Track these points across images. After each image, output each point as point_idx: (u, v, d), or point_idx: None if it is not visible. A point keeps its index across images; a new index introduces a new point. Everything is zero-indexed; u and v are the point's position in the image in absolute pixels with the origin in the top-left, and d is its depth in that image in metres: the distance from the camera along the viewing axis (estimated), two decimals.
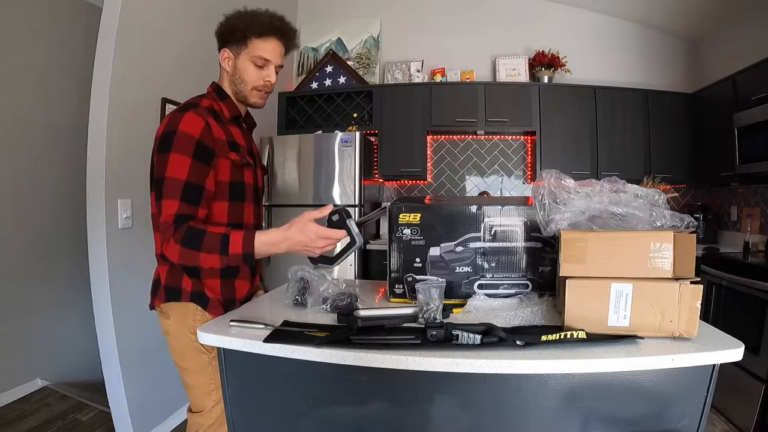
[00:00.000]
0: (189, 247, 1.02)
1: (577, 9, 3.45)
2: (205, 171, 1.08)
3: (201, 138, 1.07)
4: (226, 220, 1.17)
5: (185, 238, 1.02)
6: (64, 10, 2.72)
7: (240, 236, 1.03)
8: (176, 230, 1.03)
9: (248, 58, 1.17)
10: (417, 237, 1.18)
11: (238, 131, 1.24)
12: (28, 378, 2.63)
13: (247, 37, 1.16)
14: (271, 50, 1.18)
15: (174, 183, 1.04)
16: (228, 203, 1.17)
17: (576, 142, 3.14)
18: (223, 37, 1.20)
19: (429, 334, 0.91)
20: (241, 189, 1.20)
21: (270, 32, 1.17)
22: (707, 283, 2.40)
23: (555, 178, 1.03)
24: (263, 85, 1.21)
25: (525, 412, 0.91)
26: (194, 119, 1.08)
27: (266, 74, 1.20)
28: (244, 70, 1.18)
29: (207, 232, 1.03)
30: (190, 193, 1.05)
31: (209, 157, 1.09)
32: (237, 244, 1.02)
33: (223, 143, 1.14)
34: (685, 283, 0.89)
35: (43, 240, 2.71)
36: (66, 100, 2.75)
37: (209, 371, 1.16)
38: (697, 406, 0.89)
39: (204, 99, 1.19)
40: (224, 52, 1.20)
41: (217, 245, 1.02)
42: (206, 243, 1.02)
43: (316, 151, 2.92)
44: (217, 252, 1.02)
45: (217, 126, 1.14)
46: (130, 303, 1.95)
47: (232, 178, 1.16)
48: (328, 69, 3.55)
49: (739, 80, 2.60)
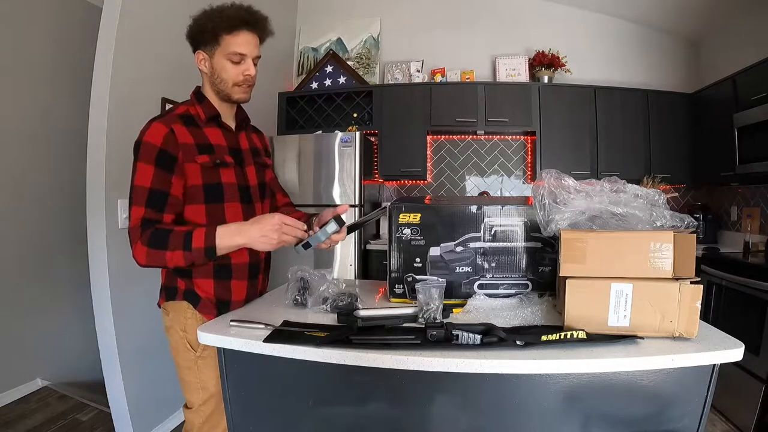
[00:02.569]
0: (155, 248, 1.05)
1: (577, 9, 3.45)
2: (167, 178, 1.10)
3: (163, 146, 1.09)
4: (206, 221, 1.17)
5: (151, 239, 1.05)
6: (64, 10, 2.72)
7: (203, 231, 1.06)
8: (142, 233, 1.06)
9: (223, 56, 1.16)
10: (417, 237, 1.18)
11: (218, 132, 1.22)
12: (28, 378, 2.63)
13: (217, 35, 1.14)
14: (245, 43, 1.16)
15: (140, 191, 1.08)
16: (204, 205, 1.16)
17: (576, 142, 3.14)
18: (194, 39, 1.18)
19: (429, 334, 0.91)
20: (218, 190, 1.18)
21: (239, 26, 1.14)
22: (707, 283, 2.40)
23: (555, 178, 1.03)
24: (243, 80, 1.19)
25: (525, 412, 0.91)
26: (158, 128, 1.10)
27: (244, 68, 1.18)
28: (221, 69, 1.17)
29: (173, 231, 1.06)
30: (154, 199, 1.08)
31: (172, 163, 1.10)
32: (199, 238, 1.06)
33: (191, 147, 1.13)
34: (685, 283, 0.89)
35: (43, 240, 2.71)
36: (66, 100, 2.75)
37: (195, 370, 1.18)
38: (697, 406, 0.89)
39: (181, 106, 1.20)
40: (198, 55, 1.19)
41: (181, 242, 1.05)
42: (171, 241, 1.05)
43: (316, 151, 2.92)
44: (180, 248, 1.05)
45: (186, 131, 1.14)
46: (130, 303, 1.95)
47: (204, 181, 1.15)
48: (328, 69, 3.55)
49: (739, 80, 2.60)
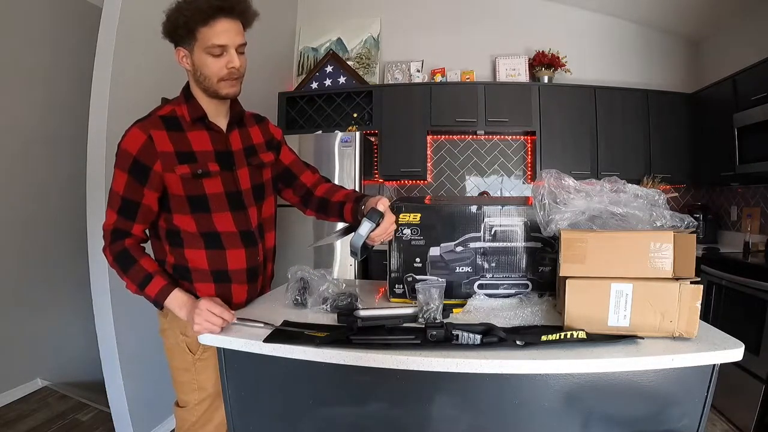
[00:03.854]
0: (118, 265, 1.09)
1: (577, 9, 3.45)
2: (139, 189, 1.07)
3: (138, 155, 1.06)
4: (197, 230, 1.12)
5: (117, 256, 1.09)
6: (64, 10, 2.72)
7: (160, 284, 1.07)
8: (111, 242, 1.09)
9: (202, 50, 1.05)
10: (417, 237, 1.18)
11: (204, 134, 1.13)
12: (28, 378, 2.63)
13: (191, 29, 1.03)
14: (224, 32, 1.04)
15: (114, 196, 1.08)
16: (191, 215, 1.11)
17: (576, 142, 3.14)
18: (171, 37, 1.08)
19: (429, 334, 0.91)
20: (203, 201, 1.11)
21: (214, 14, 1.02)
22: (707, 283, 2.40)
23: (555, 178, 1.03)
24: (228, 73, 1.08)
25: (525, 412, 0.91)
26: (135, 135, 1.06)
27: (227, 60, 1.06)
28: (203, 65, 1.07)
29: (137, 263, 1.08)
30: (124, 207, 1.08)
31: (145, 174, 1.06)
32: (155, 288, 1.07)
33: (170, 156, 1.07)
34: (685, 283, 0.89)
35: (43, 240, 2.71)
36: (66, 100, 2.75)
37: (192, 372, 1.18)
38: (697, 406, 0.89)
39: (166, 105, 1.14)
40: (179, 52, 1.09)
41: (139, 279, 1.07)
42: (131, 271, 1.08)
43: (316, 151, 2.92)
44: (136, 283, 1.08)
45: (166, 137, 1.08)
46: (130, 303, 1.92)
47: (187, 192, 1.09)
48: (328, 69, 3.55)
49: (739, 80, 2.59)
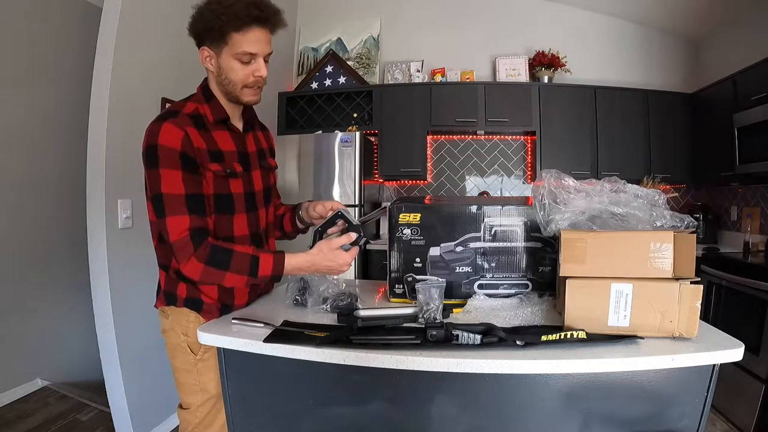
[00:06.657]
0: (215, 267, 1.00)
1: (577, 9, 3.45)
2: (198, 180, 1.04)
3: (183, 149, 1.01)
4: (214, 233, 1.10)
5: (211, 257, 1.00)
6: (64, 10, 2.72)
7: (270, 259, 1.04)
8: (197, 248, 0.99)
9: (231, 55, 1.05)
10: (417, 237, 1.18)
11: (226, 135, 1.14)
12: (28, 378, 2.62)
13: (225, 33, 1.03)
14: (255, 41, 1.05)
15: (174, 199, 1.00)
16: (215, 216, 1.09)
17: (576, 142, 3.14)
18: (198, 36, 1.08)
19: (429, 334, 0.91)
20: (228, 202, 1.12)
21: (250, 23, 1.03)
22: (707, 283, 2.40)
23: (555, 178, 1.03)
24: (254, 81, 1.09)
25: (525, 412, 0.91)
26: (172, 130, 1.01)
27: (255, 69, 1.08)
28: (229, 69, 1.07)
29: (234, 252, 1.02)
30: (194, 204, 1.02)
31: (195, 166, 1.04)
32: (267, 266, 1.04)
33: (204, 153, 1.06)
34: (685, 283, 0.89)
35: (43, 240, 2.71)
36: (66, 100, 2.75)
37: (194, 373, 1.17)
38: (697, 406, 0.89)
39: (188, 103, 1.11)
40: (204, 51, 1.08)
41: (247, 266, 1.02)
42: (234, 263, 1.01)
43: (316, 151, 2.92)
44: (245, 273, 1.02)
45: (198, 135, 1.06)
46: (130, 303, 1.95)
47: (216, 191, 1.09)
48: (328, 69, 3.55)
49: (739, 80, 2.60)
